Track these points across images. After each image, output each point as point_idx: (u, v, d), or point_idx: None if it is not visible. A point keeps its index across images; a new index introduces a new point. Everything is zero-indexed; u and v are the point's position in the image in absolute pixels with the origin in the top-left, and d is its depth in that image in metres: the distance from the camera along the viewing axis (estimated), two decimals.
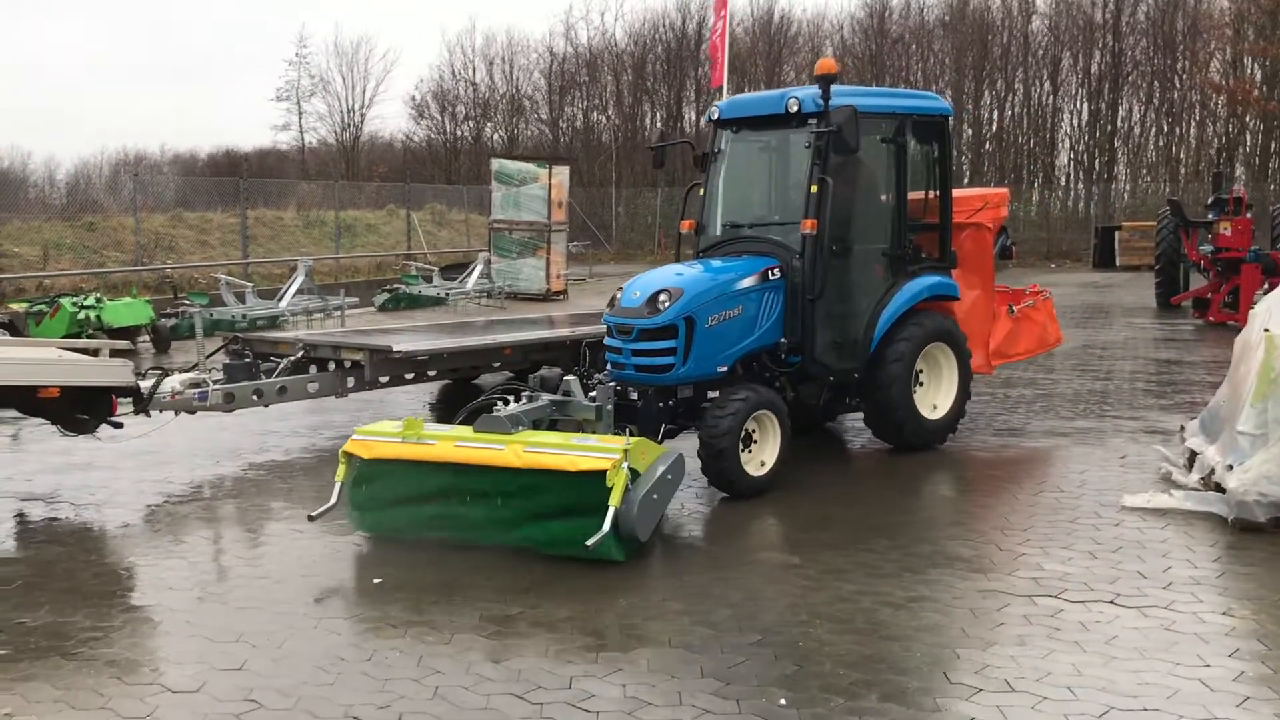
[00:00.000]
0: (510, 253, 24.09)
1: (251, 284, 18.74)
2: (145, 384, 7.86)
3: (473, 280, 22.10)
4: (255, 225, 25.99)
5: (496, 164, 25.07)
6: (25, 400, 7.25)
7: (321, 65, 61.39)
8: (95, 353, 7.69)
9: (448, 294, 21.30)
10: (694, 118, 45.97)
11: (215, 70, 76.98)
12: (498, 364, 9.81)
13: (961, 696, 4.62)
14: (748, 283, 7.79)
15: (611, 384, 7.54)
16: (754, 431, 7.55)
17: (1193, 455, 7.92)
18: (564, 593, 5.87)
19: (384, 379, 9.32)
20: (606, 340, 7.99)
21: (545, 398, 7.26)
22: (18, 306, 15.37)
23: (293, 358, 9.18)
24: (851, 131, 7.54)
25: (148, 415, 8.01)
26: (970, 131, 43.65)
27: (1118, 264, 32.12)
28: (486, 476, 6.45)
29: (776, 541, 6.77)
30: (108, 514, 7.46)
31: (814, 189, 7.84)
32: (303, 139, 53.86)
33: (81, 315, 14.59)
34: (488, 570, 6.20)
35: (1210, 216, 19.51)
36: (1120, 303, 22.47)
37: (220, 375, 8.68)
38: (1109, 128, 42.32)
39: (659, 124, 46.88)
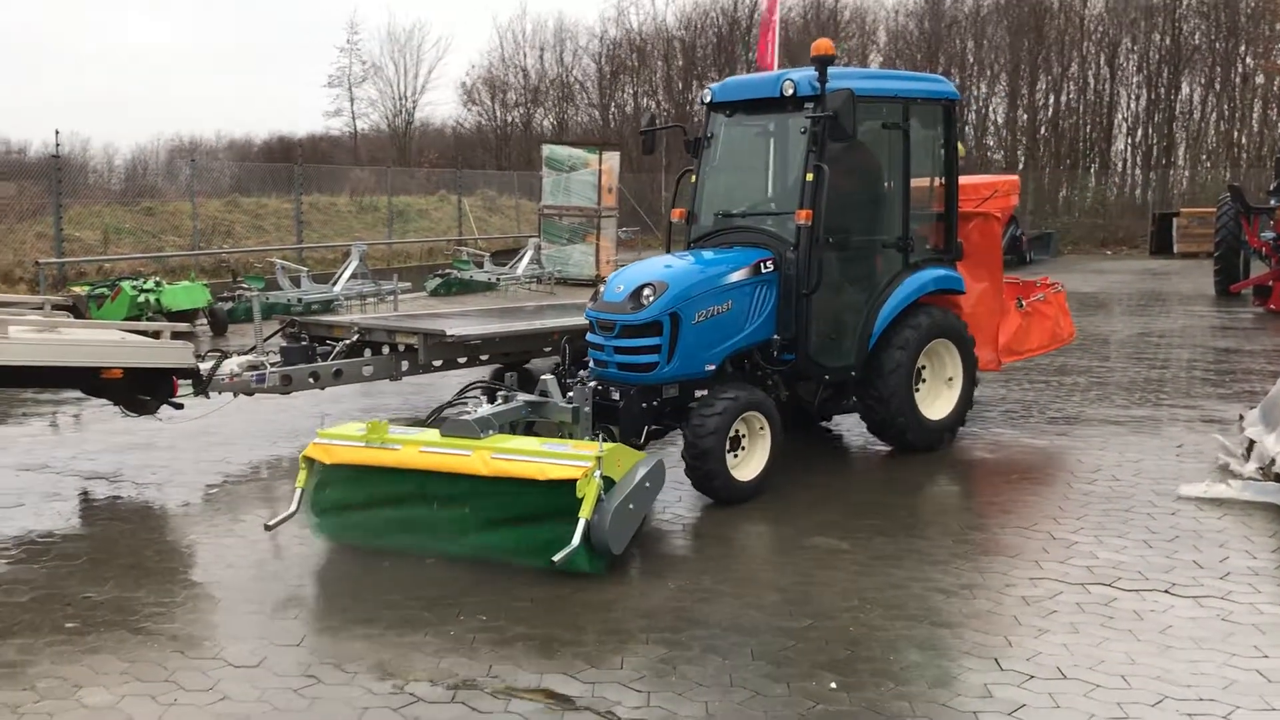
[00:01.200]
0: (560, 238, 24.20)
1: (306, 268, 18.98)
2: (204, 366, 8.01)
3: (523, 266, 22.23)
4: (309, 210, 26.29)
5: (547, 150, 25.16)
6: (89, 381, 7.43)
7: (374, 52, 61.95)
8: (157, 335, 7.85)
9: (498, 279, 21.45)
10: None
11: (268, 56, 77.82)
12: (548, 348, 9.87)
13: (1013, 683, 4.61)
14: (738, 276, 7.36)
15: (591, 384, 7.17)
16: (742, 434, 7.16)
17: (1251, 445, 7.79)
18: (614, 574, 5.92)
19: (437, 363, 9.42)
20: (589, 336, 7.51)
21: (520, 398, 6.93)
22: (79, 289, 15.68)
23: (348, 341, 9.30)
24: (848, 116, 7.10)
25: (207, 397, 8.17)
26: (1025, 117, 43.07)
27: (1175, 251, 31.59)
28: (452, 484, 6.05)
29: (826, 527, 6.77)
30: (169, 493, 7.62)
31: (809, 177, 7.40)
32: (354, 125, 54.33)
33: (141, 298, 14.87)
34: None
35: (1272, 203, 19.13)
36: (1178, 290, 22.11)
37: (277, 358, 8.82)
38: (1168, 112, 41.57)
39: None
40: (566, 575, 5.88)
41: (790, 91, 7.56)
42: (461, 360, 9.67)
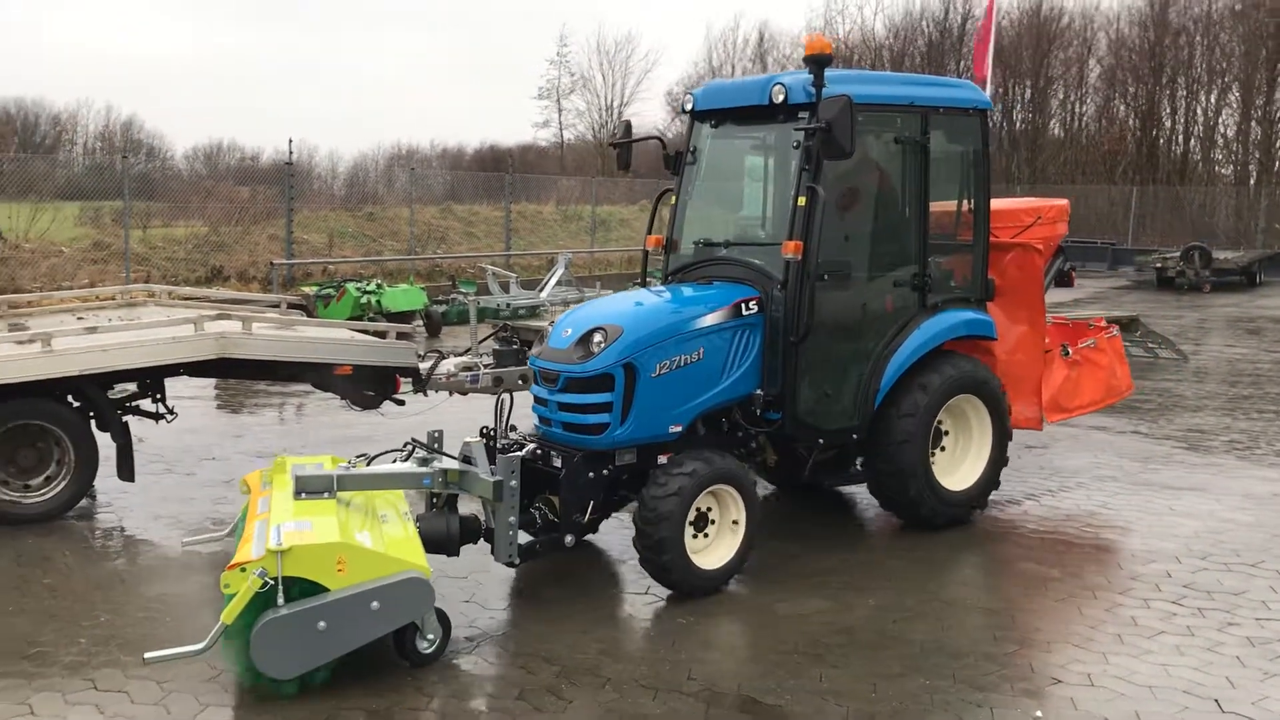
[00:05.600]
0: None
1: (515, 274, 19.64)
2: (423, 366, 8.43)
3: None
4: (517, 218, 27.18)
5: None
6: (321, 376, 7.95)
7: (583, 64, 63.52)
8: (382, 335, 8.32)
9: None
10: None
11: (482, 69, 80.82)
12: None
13: None
14: (712, 319, 6.13)
15: (525, 449, 6.00)
16: (710, 511, 5.94)
17: None
18: (813, 586, 5.95)
19: None
20: (533, 388, 6.33)
21: (446, 463, 5.71)
22: (308, 289, 16.69)
23: None
24: (844, 128, 5.84)
25: (425, 395, 8.59)
26: (1260, 131, 40.45)
27: None
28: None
29: (1035, 554, 6.59)
30: None
31: (801, 201, 6.21)
32: (562, 136, 55.80)
33: (364, 299, 15.70)
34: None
35: None
36: None
37: (490, 360, 9.19)
38: None
39: None
40: (768, 583, 5.95)
41: (781, 98, 6.37)
42: None
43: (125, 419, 7.45)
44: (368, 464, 5.78)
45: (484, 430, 6.25)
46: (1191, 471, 8.50)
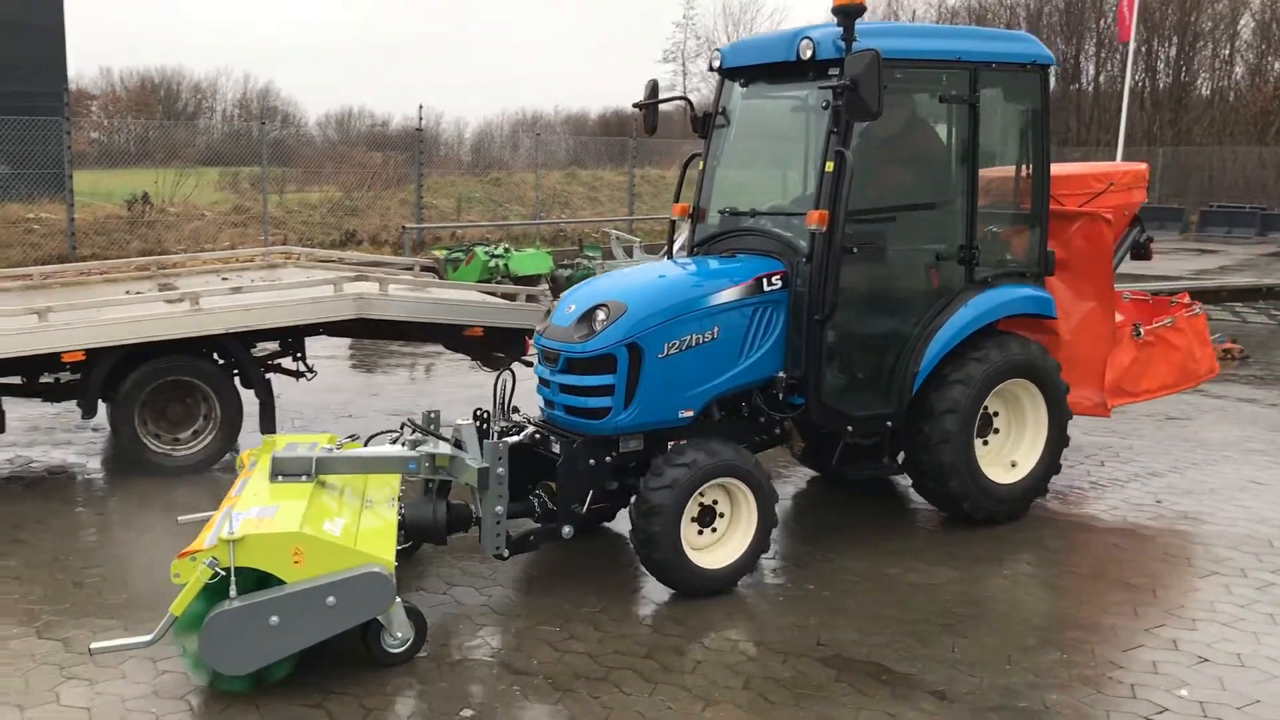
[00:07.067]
0: None
1: (638, 239, 19.69)
2: None
3: None
4: (640, 183, 27.23)
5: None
6: (453, 337, 8.12)
7: (708, 26, 62.95)
8: (512, 298, 8.44)
9: None
10: (1093, 72, 42.97)
11: (608, 33, 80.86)
12: None
13: None
14: (729, 295, 5.65)
15: (513, 437, 5.54)
16: (718, 505, 5.48)
17: None
18: (942, 557, 5.86)
19: None
20: (535, 368, 5.96)
21: (440, 447, 5.44)
22: (439, 253, 17.00)
23: None
24: (871, 86, 5.25)
25: None
26: None
27: None
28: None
29: (1179, 529, 6.36)
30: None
31: (829, 167, 5.65)
32: (687, 100, 55.52)
33: (492, 263, 15.93)
34: (869, 532, 6.31)
35: None
36: None
37: None
38: None
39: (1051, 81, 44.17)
40: (896, 554, 5.88)
41: (809, 53, 5.76)
42: None
43: (267, 376, 7.72)
44: (364, 445, 5.59)
45: (478, 412, 5.86)
46: None
